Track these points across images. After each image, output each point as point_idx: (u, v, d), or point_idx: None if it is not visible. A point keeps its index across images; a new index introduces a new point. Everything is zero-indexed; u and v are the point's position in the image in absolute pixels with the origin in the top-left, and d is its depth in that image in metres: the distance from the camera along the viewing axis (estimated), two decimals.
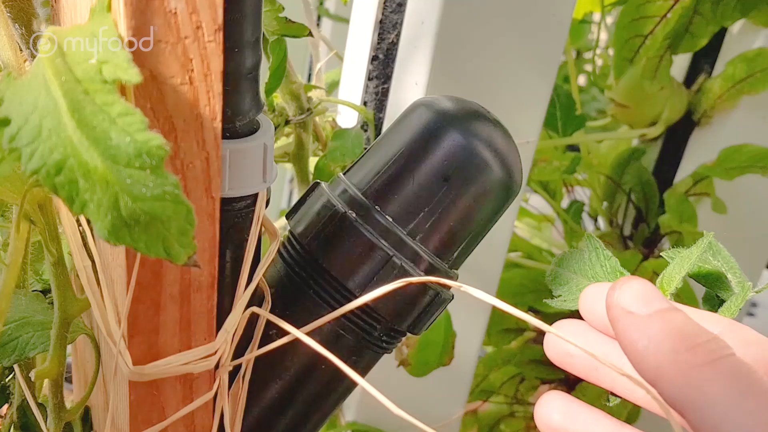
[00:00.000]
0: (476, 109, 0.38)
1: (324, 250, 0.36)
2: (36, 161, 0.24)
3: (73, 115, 0.24)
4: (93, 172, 0.23)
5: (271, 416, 0.38)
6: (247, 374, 0.36)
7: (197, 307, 0.32)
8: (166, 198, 0.24)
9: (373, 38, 0.64)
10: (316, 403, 0.39)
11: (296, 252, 0.37)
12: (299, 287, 0.37)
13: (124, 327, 0.30)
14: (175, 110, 0.28)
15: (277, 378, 0.38)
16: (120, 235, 0.24)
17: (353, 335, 0.37)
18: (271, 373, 0.37)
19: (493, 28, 0.60)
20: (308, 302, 0.36)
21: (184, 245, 0.25)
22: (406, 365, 0.65)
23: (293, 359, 0.37)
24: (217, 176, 0.30)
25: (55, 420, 0.35)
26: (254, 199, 0.34)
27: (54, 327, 0.33)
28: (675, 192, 0.79)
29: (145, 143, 0.24)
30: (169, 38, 0.27)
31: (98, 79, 0.25)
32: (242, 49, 0.31)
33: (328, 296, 0.36)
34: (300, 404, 0.38)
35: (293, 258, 0.37)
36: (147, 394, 0.32)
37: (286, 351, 0.36)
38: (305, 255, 0.37)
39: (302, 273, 0.37)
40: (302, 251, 0.37)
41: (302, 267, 0.37)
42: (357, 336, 0.37)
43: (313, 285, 0.36)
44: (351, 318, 0.36)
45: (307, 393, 0.38)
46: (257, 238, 0.34)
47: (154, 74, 0.27)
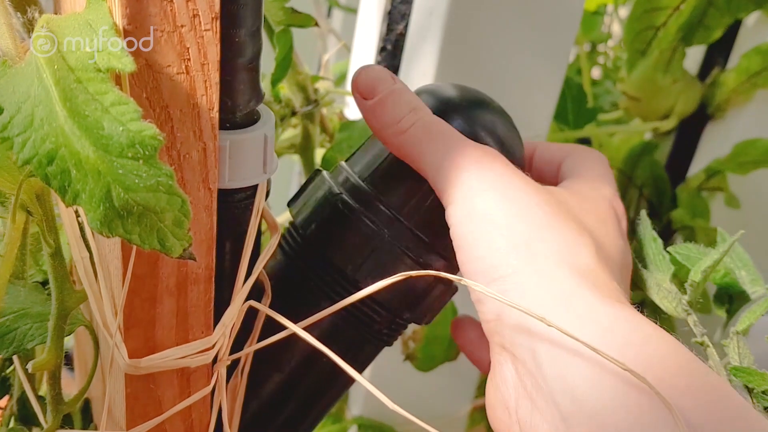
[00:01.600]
0: (479, 96, 0.37)
1: (325, 239, 0.36)
2: (28, 151, 0.23)
3: (65, 104, 0.23)
4: (85, 161, 0.23)
5: (270, 410, 0.38)
6: (246, 368, 0.36)
7: (194, 299, 0.31)
8: (159, 189, 0.23)
9: (382, 29, 0.63)
10: (315, 396, 0.39)
11: (296, 243, 0.37)
12: (300, 279, 0.36)
13: (120, 319, 0.30)
14: (171, 100, 0.28)
15: (277, 371, 0.37)
16: (113, 226, 0.23)
17: (354, 327, 0.37)
18: (270, 367, 0.37)
19: (503, 19, 0.59)
20: (309, 295, 0.36)
21: (179, 237, 0.25)
22: (413, 360, 0.65)
23: (293, 353, 0.37)
24: (214, 167, 0.30)
25: (53, 412, 0.35)
26: (254, 191, 0.33)
27: (51, 319, 0.33)
28: (688, 186, 0.77)
29: (139, 133, 0.23)
30: (165, 27, 0.27)
31: (91, 67, 0.24)
32: (242, 38, 0.30)
33: (329, 288, 0.36)
34: (299, 398, 0.38)
35: (294, 249, 0.37)
36: (143, 387, 0.32)
37: (286, 344, 0.35)
38: (306, 245, 0.36)
39: (302, 264, 0.36)
40: (303, 241, 0.36)
41: (303, 258, 0.36)
42: (357, 328, 0.37)
43: (313, 277, 0.36)
44: (351, 310, 0.36)
45: (307, 387, 0.38)
46: (257, 230, 0.34)
47: (149, 63, 0.27)
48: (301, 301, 0.36)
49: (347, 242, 0.35)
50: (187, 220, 0.24)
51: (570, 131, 0.78)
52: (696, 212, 0.76)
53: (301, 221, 0.37)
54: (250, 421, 0.37)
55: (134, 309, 0.30)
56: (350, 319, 0.36)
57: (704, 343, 0.35)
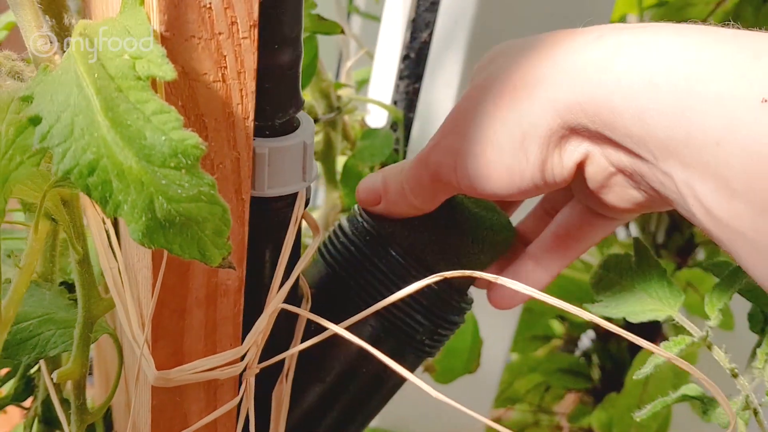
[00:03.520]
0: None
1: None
2: (68, 161, 0.23)
3: (106, 113, 0.23)
4: (127, 172, 0.22)
5: (310, 421, 0.37)
6: (290, 374, 0.35)
7: (223, 311, 0.31)
8: (201, 199, 0.23)
9: (406, 37, 0.63)
10: (355, 408, 0.38)
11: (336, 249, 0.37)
12: (341, 288, 0.36)
13: (148, 331, 0.30)
14: (206, 109, 0.27)
15: (317, 382, 0.37)
16: (155, 237, 0.23)
17: (396, 337, 0.36)
18: (310, 377, 0.37)
19: (529, 28, 0.59)
20: (349, 304, 0.36)
21: (218, 246, 0.24)
22: (432, 371, 0.64)
23: (333, 363, 0.37)
24: (247, 177, 0.29)
25: (77, 422, 0.35)
26: (293, 198, 0.33)
27: (77, 327, 0.33)
28: None
29: (181, 142, 0.23)
30: (203, 34, 0.26)
31: (131, 75, 0.24)
32: (282, 45, 0.30)
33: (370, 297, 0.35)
34: (339, 409, 0.38)
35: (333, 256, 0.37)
36: (170, 400, 0.31)
37: (327, 354, 0.35)
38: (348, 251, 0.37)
39: (343, 271, 0.36)
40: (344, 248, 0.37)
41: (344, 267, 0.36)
42: (399, 338, 0.36)
43: (354, 286, 0.36)
44: (393, 320, 0.35)
45: (347, 398, 0.38)
46: (295, 238, 0.33)
47: (186, 71, 0.27)
48: (341, 308, 0.36)
49: None
50: (227, 229, 0.24)
51: None
52: None
53: None
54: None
55: (163, 320, 0.30)
56: (392, 329, 0.36)
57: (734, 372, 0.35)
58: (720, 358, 0.34)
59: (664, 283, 0.37)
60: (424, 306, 0.36)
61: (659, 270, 0.37)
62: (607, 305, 0.39)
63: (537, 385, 0.82)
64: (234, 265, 0.25)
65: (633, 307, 0.38)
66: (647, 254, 0.38)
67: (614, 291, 0.39)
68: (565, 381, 0.82)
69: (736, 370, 0.34)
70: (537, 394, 0.83)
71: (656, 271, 0.37)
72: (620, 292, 0.39)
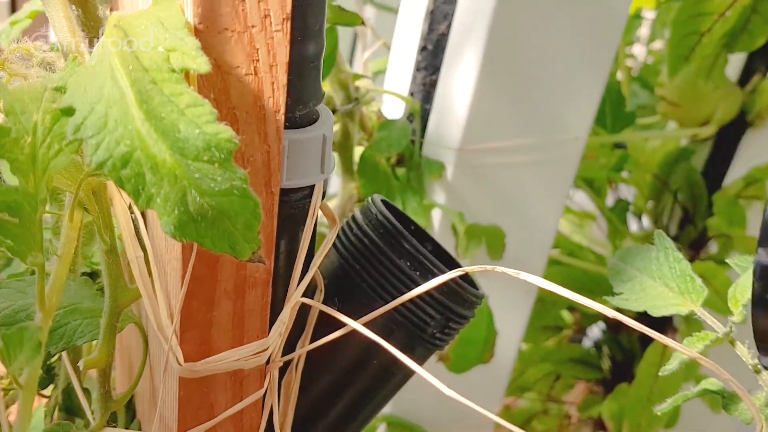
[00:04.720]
0: None
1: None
2: (102, 153, 0.23)
3: (141, 106, 0.23)
4: (161, 165, 0.22)
5: (319, 411, 0.38)
6: (300, 365, 0.36)
7: (251, 303, 0.31)
8: (234, 193, 0.23)
9: (423, 28, 0.63)
10: (364, 399, 0.38)
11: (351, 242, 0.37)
12: (353, 279, 0.36)
13: (177, 322, 0.30)
14: (238, 102, 0.27)
15: (327, 372, 0.37)
16: (187, 230, 0.23)
17: (407, 330, 0.36)
18: (320, 368, 0.37)
19: (548, 21, 0.59)
20: (362, 296, 0.36)
21: (249, 240, 0.24)
22: (446, 361, 0.64)
23: (344, 354, 0.37)
24: (277, 171, 0.29)
25: (101, 409, 0.35)
26: (311, 191, 0.33)
27: (104, 316, 0.33)
28: (725, 194, 0.76)
29: (215, 136, 0.23)
30: (236, 27, 0.26)
31: (166, 68, 0.24)
32: (306, 37, 0.30)
33: (382, 289, 0.35)
34: (349, 400, 0.38)
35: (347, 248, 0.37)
36: (196, 390, 0.32)
37: (337, 346, 0.35)
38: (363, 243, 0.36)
39: (357, 263, 0.36)
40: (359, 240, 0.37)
41: (357, 259, 0.36)
42: (410, 332, 0.36)
43: (367, 278, 0.36)
44: (404, 313, 0.36)
45: (357, 389, 0.38)
46: (313, 230, 0.34)
47: (218, 63, 0.27)
48: (355, 302, 0.36)
49: None
50: (258, 223, 0.24)
51: (606, 135, 0.77)
52: (733, 220, 0.75)
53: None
54: (299, 422, 0.37)
55: (191, 311, 0.30)
56: (404, 322, 0.36)
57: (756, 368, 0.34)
58: (743, 354, 0.34)
59: (686, 278, 0.37)
60: (437, 299, 0.36)
61: (682, 264, 0.37)
62: (626, 298, 0.39)
63: (547, 375, 0.82)
64: (264, 259, 0.25)
65: (654, 302, 0.38)
66: (670, 247, 0.38)
67: (634, 284, 0.39)
68: (576, 371, 0.82)
69: (759, 366, 0.34)
70: (547, 383, 0.83)
71: (679, 265, 0.37)
72: (640, 285, 0.38)
